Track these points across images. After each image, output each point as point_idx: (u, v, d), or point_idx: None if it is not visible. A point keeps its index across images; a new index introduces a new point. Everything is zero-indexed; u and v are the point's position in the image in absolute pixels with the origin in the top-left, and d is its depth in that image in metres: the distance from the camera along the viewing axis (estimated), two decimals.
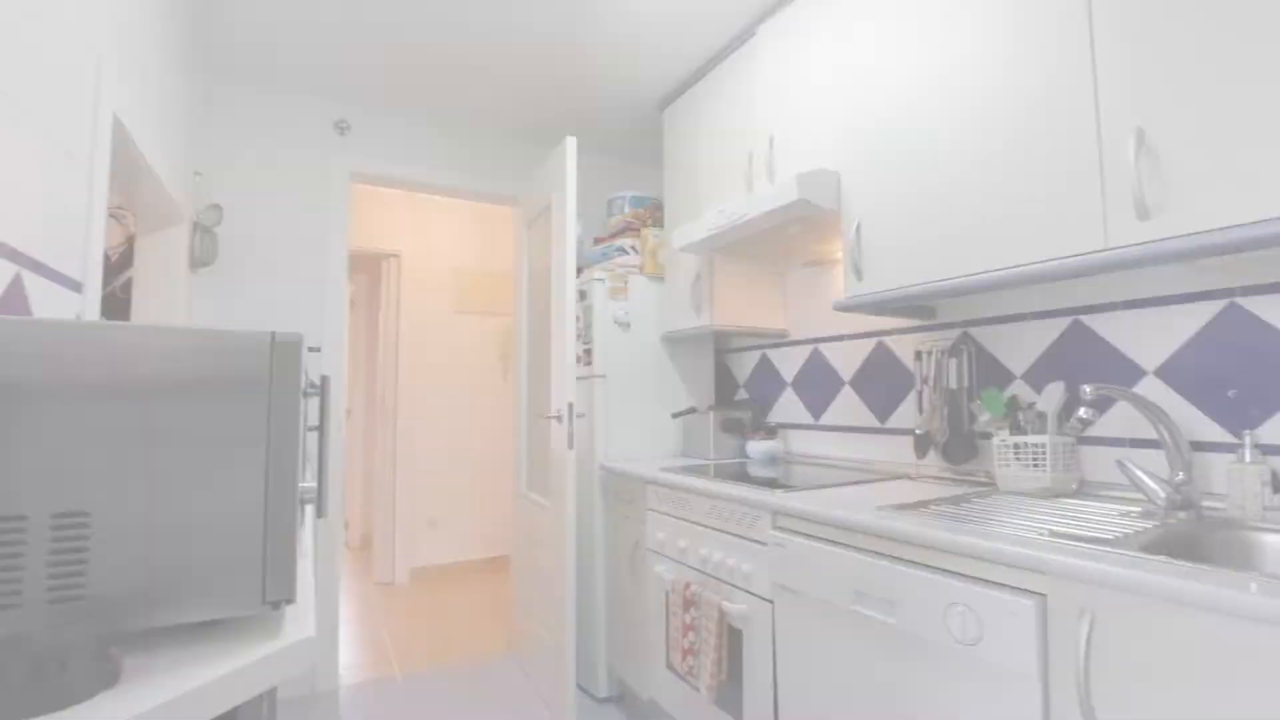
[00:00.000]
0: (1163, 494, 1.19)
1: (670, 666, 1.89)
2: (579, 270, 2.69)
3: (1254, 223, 0.95)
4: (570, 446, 2.11)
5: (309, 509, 1.23)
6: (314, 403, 1.93)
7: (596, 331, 2.38)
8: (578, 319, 2.48)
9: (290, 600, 0.66)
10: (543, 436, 2.46)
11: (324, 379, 0.91)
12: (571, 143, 2.16)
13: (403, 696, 2.41)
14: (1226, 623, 0.78)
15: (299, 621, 0.69)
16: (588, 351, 2.41)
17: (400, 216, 4.00)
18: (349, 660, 2.76)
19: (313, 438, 2.22)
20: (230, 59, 2.31)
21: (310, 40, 2.20)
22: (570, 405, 2.11)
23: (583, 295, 2.46)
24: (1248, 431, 1.20)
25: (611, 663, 2.30)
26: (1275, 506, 1.13)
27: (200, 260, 2.20)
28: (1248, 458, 1.17)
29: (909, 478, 1.79)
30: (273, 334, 0.65)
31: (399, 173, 2.73)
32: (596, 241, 2.75)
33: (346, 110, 2.65)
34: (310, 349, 2.46)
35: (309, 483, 0.96)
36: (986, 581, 1.04)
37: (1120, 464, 1.25)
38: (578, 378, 2.47)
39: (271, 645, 0.63)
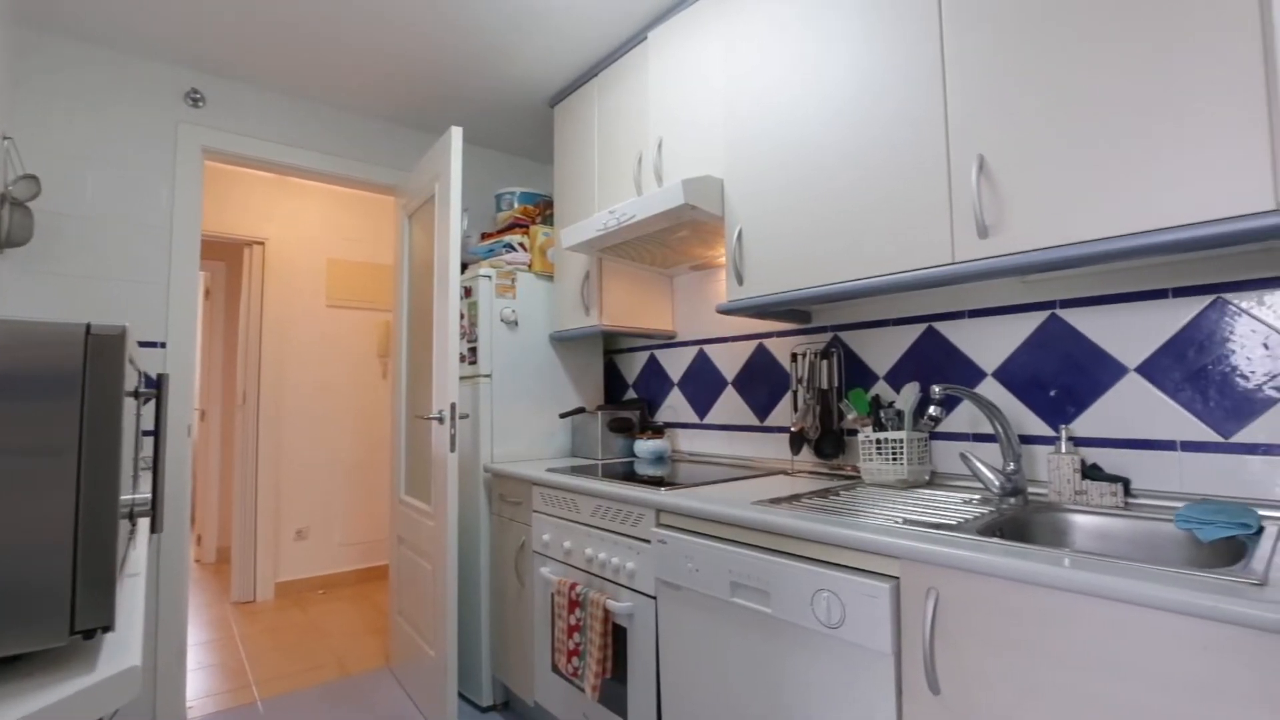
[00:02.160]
0: (997, 482, 1.33)
1: (556, 669, 1.87)
2: (464, 266, 2.60)
3: (1069, 244, 1.09)
4: (453, 449, 2.03)
5: (141, 523, 1.09)
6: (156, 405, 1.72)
7: (482, 330, 2.31)
8: (462, 316, 2.40)
9: (108, 628, 0.58)
10: (424, 439, 2.35)
11: (160, 377, 0.81)
12: (457, 132, 2.08)
13: None
14: (1045, 594, 0.88)
15: (121, 651, 0.61)
16: (473, 350, 2.33)
17: (267, 200, 3.68)
18: (200, 689, 2.49)
19: (151, 444, 1.98)
20: (54, 7, 2.01)
21: None
22: (453, 406, 2.03)
23: (468, 292, 2.37)
24: (1064, 426, 1.37)
25: (496, 670, 2.24)
26: (1084, 491, 1.30)
27: (10, 239, 1.89)
28: (1064, 449, 1.34)
29: (786, 473, 1.89)
30: (87, 326, 0.57)
31: (262, 153, 2.50)
32: (484, 237, 2.67)
33: (201, 80, 2.39)
34: (146, 343, 2.21)
35: (141, 494, 0.85)
36: (849, 568, 1.12)
37: (963, 456, 1.38)
38: (461, 377, 2.38)
39: (83, 680, 0.54)
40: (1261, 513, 1.11)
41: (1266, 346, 1.15)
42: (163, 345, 2.25)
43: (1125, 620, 0.81)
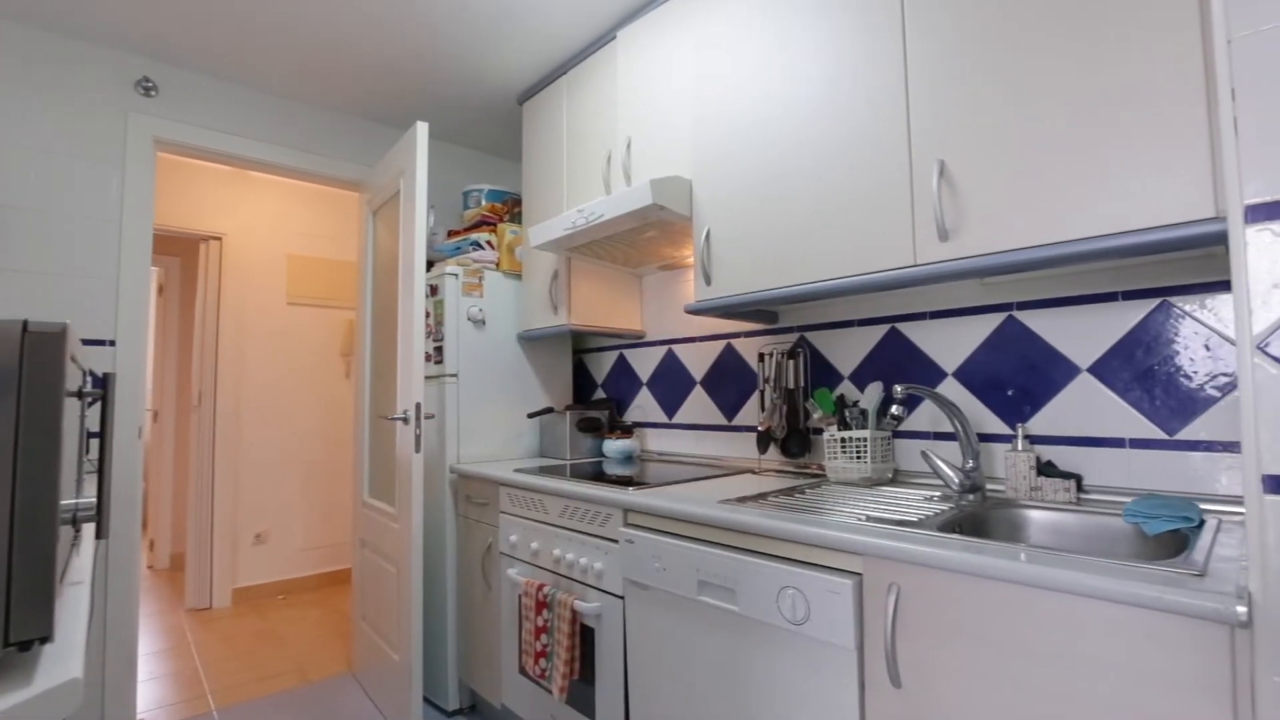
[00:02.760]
0: (957, 480, 1.36)
1: (523, 671, 1.85)
2: (430, 263, 2.56)
3: (1025, 248, 1.12)
4: (418, 450, 2.00)
5: (87, 529, 1.05)
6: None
7: (448, 328, 2.27)
8: (428, 315, 2.36)
9: (46, 639, 0.55)
10: (388, 440, 2.31)
11: (106, 376, 0.78)
12: (422, 127, 2.05)
13: None
14: (1002, 588, 0.90)
15: (61, 663, 0.58)
16: (438, 349, 2.30)
17: (224, 195, 3.56)
18: (152, 700, 2.40)
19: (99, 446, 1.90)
20: None
21: None
22: (418, 406, 2.00)
23: (434, 290, 2.34)
24: (1020, 425, 1.41)
25: (462, 673, 2.22)
26: (1039, 487, 1.34)
27: None
28: (1020, 447, 1.38)
29: (753, 472, 1.90)
30: (24, 323, 0.54)
31: (219, 145, 2.42)
32: (450, 234, 2.63)
33: (154, 68, 2.30)
34: (92, 341, 2.12)
35: (86, 498, 0.82)
36: (813, 565, 1.13)
37: (924, 454, 1.41)
38: (427, 377, 2.35)
39: (19, 694, 0.52)
40: (1203, 506, 1.16)
41: (1208, 348, 1.20)
42: (111, 343, 2.16)
43: (1076, 612, 0.83)
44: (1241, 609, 0.70)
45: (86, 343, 2.12)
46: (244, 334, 3.60)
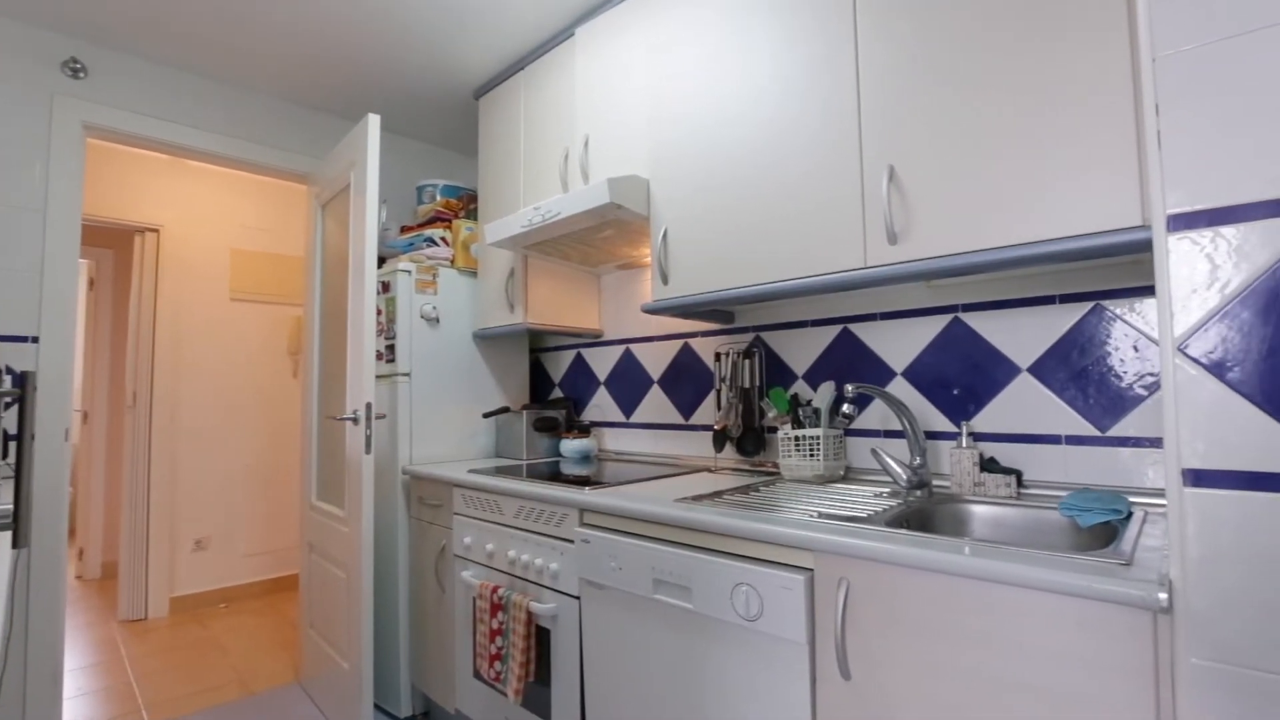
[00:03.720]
0: (905, 476, 1.40)
1: (478, 674, 1.82)
2: (382, 259, 2.50)
3: (969, 252, 1.16)
4: (368, 451, 1.94)
5: (2, 537, 0.98)
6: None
7: (400, 326, 2.22)
8: (379, 312, 2.30)
9: None
10: (337, 441, 2.24)
11: (24, 375, 0.73)
12: (374, 119, 1.99)
13: None
14: (946, 580, 0.93)
15: None
16: (390, 348, 2.24)
17: (162, 185, 3.39)
18: (79, 716, 2.27)
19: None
20: None
21: None
22: (369, 406, 1.94)
23: (385, 286, 2.28)
24: (964, 423, 1.46)
25: (415, 679, 2.17)
26: (982, 482, 1.39)
27: None
28: (964, 444, 1.43)
29: (710, 470, 1.92)
30: None
31: (156, 133, 2.30)
32: (403, 230, 2.57)
33: (82, 49, 2.17)
34: (11, 338, 2.00)
35: (1, 505, 0.77)
36: (766, 562, 1.15)
37: (874, 452, 1.45)
38: (379, 376, 2.29)
39: None
40: (1131, 499, 1.22)
41: (1136, 349, 1.27)
42: (34, 340, 2.03)
43: (1016, 601, 0.87)
44: (1163, 595, 0.74)
45: (3, 339, 1.98)
46: (183, 331, 3.43)
